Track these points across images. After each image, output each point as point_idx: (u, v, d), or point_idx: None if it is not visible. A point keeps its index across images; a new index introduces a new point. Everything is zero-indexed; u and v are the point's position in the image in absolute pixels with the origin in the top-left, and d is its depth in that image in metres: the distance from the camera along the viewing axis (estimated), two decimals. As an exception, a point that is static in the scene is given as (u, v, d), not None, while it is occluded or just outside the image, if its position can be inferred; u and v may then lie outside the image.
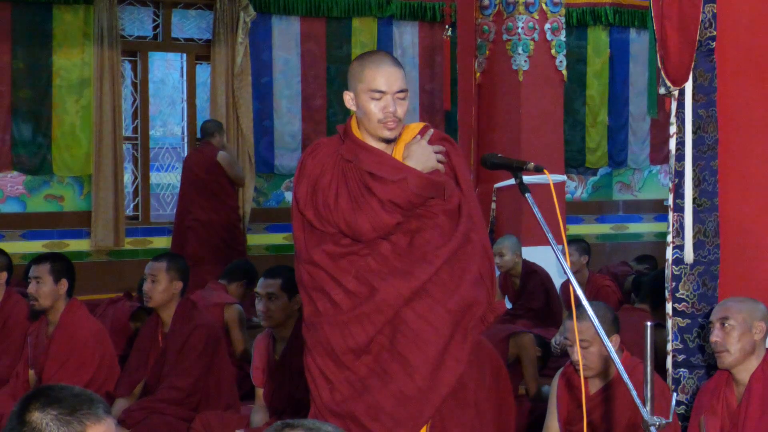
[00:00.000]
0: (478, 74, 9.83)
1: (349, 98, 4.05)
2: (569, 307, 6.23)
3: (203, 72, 11.92)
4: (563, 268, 3.66)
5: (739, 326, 4.74)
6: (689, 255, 5.11)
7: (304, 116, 12.07)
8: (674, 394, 4.60)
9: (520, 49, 9.65)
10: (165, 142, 12.10)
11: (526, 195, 3.69)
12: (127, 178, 11.39)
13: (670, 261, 5.15)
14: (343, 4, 12.20)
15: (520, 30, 9.65)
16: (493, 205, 9.69)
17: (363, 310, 3.90)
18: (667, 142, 5.33)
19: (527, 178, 3.82)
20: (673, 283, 5.15)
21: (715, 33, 5.09)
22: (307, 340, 4.02)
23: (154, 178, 11.80)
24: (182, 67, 11.94)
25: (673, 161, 5.14)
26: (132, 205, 11.53)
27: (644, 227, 13.95)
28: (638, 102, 13.51)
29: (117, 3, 10.99)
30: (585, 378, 4.78)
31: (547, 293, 8.83)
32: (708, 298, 5.15)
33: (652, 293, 6.85)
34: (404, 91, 4.00)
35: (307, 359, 4.02)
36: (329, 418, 3.88)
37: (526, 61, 9.66)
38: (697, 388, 5.06)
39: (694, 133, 5.11)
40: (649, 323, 3.39)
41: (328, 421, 3.78)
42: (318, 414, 3.94)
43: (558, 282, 8.86)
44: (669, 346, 5.19)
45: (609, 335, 4.78)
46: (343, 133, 4.08)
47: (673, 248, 5.14)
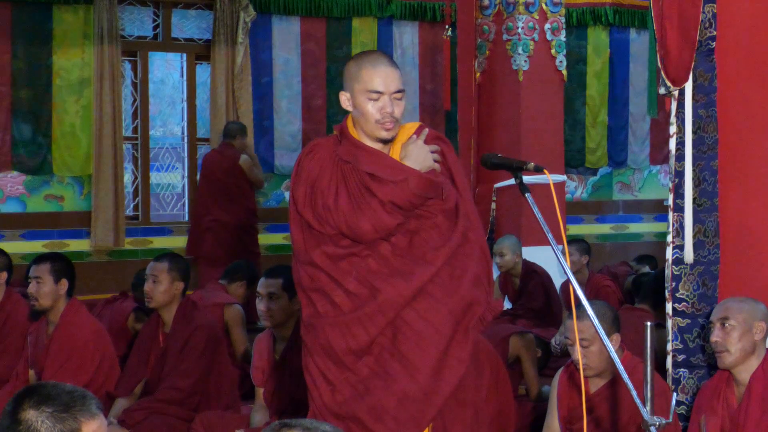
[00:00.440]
0: (478, 74, 9.83)
1: (345, 99, 4.03)
2: (569, 307, 6.23)
3: (203, 72, 11.92)
4: (563, 268, 3.66)
5: (739, 326, 4.75)
6: (689, 255, 5.11)
7: (304, 116, 12.07)
8: (674, 394, 4.60)
9: (520, 49, 9.65)
10: (165, 142, 12.09)
11: (526, 195, 3.69)
12: (127, 178, 11.39)
13: (670, 261, 5.15)
14: (343, 4, 12.20)
15: (520, 30, 9.65)
16: (493, 205, 9.69)
17: (365, 312, 3.89)
18: (667, 142, 5.33)
19: (527, 178, 3.82)
20: (673, 283, 5.15)
21: (715, 33, 5.09)
22: (307, 342, 4.00)
23: (154, 178, 11.79)
24: (182, 67, 11.94)
25: (673, 161, 5.14)
26: (132, 205, 11.53)
27: (644, 227, 13.95)
28: (638, 102, 13.51)
29: (117, 3, 10.99)
30: (585, 377, 4.78)
31: (547, 293, 8.83)
32: (708, 298, 5.15)
33: (652, 293, 6.85)
34: (401, 91, 3.99)
35: (307, 360, 4.01)
36: (330, 419, 3.87)
37: (526, 61, 9.66)
38: (697, 388, 5.06)
39: (694, 133, 5.11)
40: (649, 323, 3.39)
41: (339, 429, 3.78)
42: (318, 415, 3.93)
43: (558, 282, 8.86)
44: (669, 346, 5.19)
45: (609, 334, 4.78)
46: (340, 134, 4.06)
47: (673, 248, 5.14)
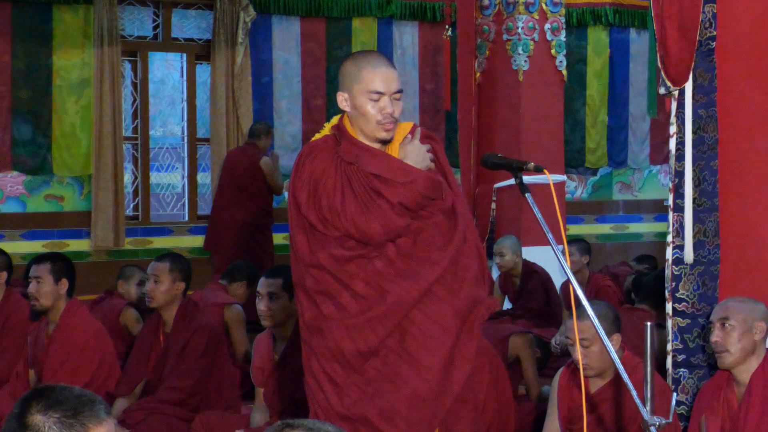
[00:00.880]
0: (478, 74, 9.83)
1: (343, 99, 4.02)
2: (569, 307, 6.23)
3: (203, 72, 11.92)
4: (563, 268, 3.66)
5: (739, 326, 4.74)
6: (689, 255, 5.11)
7: (304, 116, 12.07)
8: (674, 394, 4.60)
9: (520, 49, 9.65)
10: (165, 142, 12.09)
11: (526, 195, 3.69)
12: (127, 178, 11.39)
13: (670, 261, 5.15)
14: (343, 4, 12.20)
15: (520, 30, 9.65)
16: (493, 205, 9.69)
17: (374, 314, 3.88)
18: (667, 142, 5.33)
19: (527, 178, 3.82)
20: (673, 283, 5.15)
21: (715, 33, 5.09)
22: (312, 344, 3.97)
23: (154, 178, 11.79)
24: (182, 67, 11.94)
25: (673, 161, 5.14)
26: (132, 205, 11.52)
27: (644, 227, 13.94)
28: (638, 102, 13.51)
29: (117, 3, 10.99)
30: (586, 377, 4.78)
31: (547, 293, 8.83)
32: (708, 298, 5.15)
33: (652, 293, 6.85)
34: (400, 91, 4.01)
35: (311, 363, 3.97)
36: (337, 421, 3.85)
37: (526, 61, 9.66)
38: (697, 388, 5.06)
39: (694, 133, 5.10)
40: (649, 323, 3.40)
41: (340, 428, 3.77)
42: (323, 418, 3.89)
43: (558, 282, 8.86)
44: (669, 346, 5.19)
45: (610, 334, 4.78)
46: (338, 134, 4.05)
47: (673, 248, 5.14)
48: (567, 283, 8.25)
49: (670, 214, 5.15)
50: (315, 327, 3.95)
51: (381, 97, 3.95)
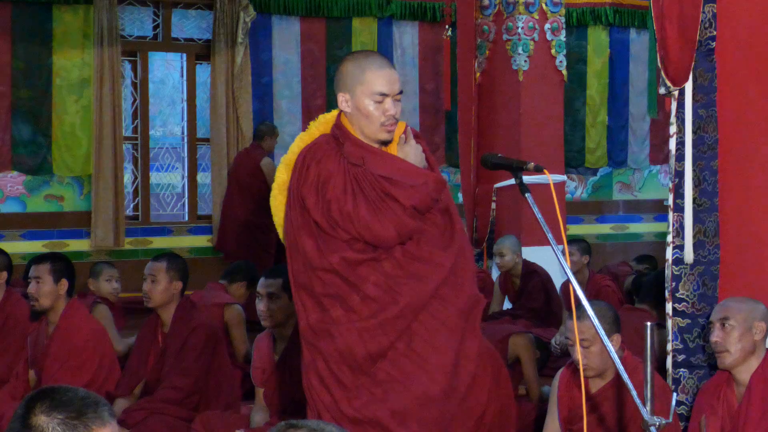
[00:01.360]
0: (478, 74, 9.83)
1: (344, 100, 4.00)
2: (569, 307, 6.23)
3: (203, 72, 11.92)
4: (563, 268, 3.66)
5: (739, 326, 4.74)
6: (689, 255, 5.11)
7: (304, 116, 12.06)
8: (674, 394, 4.60)
9: (520, 49, 9.65)
10: (165, 142, 12.09)
11: (526, 195, 3.69)
12: (127, 178, 11.39)
13: (670, 261, 5.15)
14: (343, 4, 12.20)
15: (520, 30, 9.65)
16: (493, 205, 9.69)
17: (386, 316, 3.88)
18: (667, 142, 5.33)
19: (527, 178, 3.82)
20: (673, 283, 5.15)
21: (715, 33, 5.09)
22: (318, 347, 3.94)
23: (154, 178, 11.79)
24: (182, 67, 11.94)
25: (673, 161, 5.14)
26: (132, 205, 11.52)
27: (644, 227, 13.94)
28: (638, 102, 13.51)
29: (117, 3, 10.99)
30: (586, 377, 4.78)
31: (547, 293, 8.83)
32: (708, 298, 5.15)
33: (652, 293, 6.85)
34: (401, 92, 4.03)
35: (318, 366, 3.94)
36: (347, 425, 3.85)
37: (526, 61, 9.66)
38: (698, 388, 5.06)
39: (694, 133, 5.10)
40: (649, 323, 3.39)
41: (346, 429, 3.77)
42: (332, 421, 3.89)
43: (558, 282, 8.85)
44: (669, 346, 5.18)
45: (610, 334, 4.77)
46: (339, 134, 4.02)
47: (673, 248, 5.14)
48: (567, 283, 8.25)
49: (670, 214, 5.15)
50: (322, 330, 3.92)
51: (385, 99, 3.96)
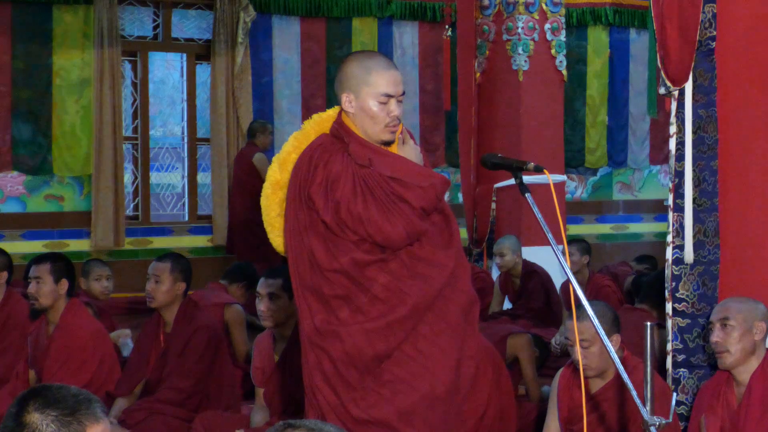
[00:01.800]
0: (478, 74, 9.83)
1: (348, 101, 4.00)
2: (569, 307, 6.23)
3: (203, 72, 11.92)
4: (563, 268, 3.66)
5: (739, 326, 4.74)
6: (689, 255, 5.11)
7: (304, 116, 12.03)
8: (674, 394, 4.60)
9: (520, 49, 9.65)
10: (165, 142, 12.09)
11: (526, 195, 3.69)
12: (127, 178, 11.39)
13: (670, 261, 5.15)
14: (343, 4, 12.20)
15: (520, 30, 9.65)
16: (493, 205, 9.69)
17: (395, 317, 3.88)
18: (667, 142, 5.33)
19: (527, 178, 3.82)
20: (673, 283, 5.15)
21: (715, 33, 5.09)
22: (325, 349, 3.93)
23: (154, 178, 11.79)
24: (182, 67, 11.94)
25: (673, 161, 5.14)
26: (132, 205, 11.52)
27: (644, 227, 13.94)
28: (638, 102, 13.51)
29: (117, 3, 10.99)
30: (586, 378, 4.78)
31: (547, 293, 8.83)
32: (708, 298, 5.15)
33: (652, 293, 6.85)
34: (404, 93, 4.05)
35: (323, 368, 3.93)
36: (354, 426, 3.85)
37: (526, 61, 9.66)
38: (697, 388, 5.06)
39: (694, 133, 5.10)
40: (649, 323, 3.40)
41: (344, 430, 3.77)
42: (336, 422, 3.87)
43: (558, 282, 8.86)
44: (669, 346, 5.19)
45: (610, 335, 4.77)
46: (345, 135, 4.02)
47: (673, 248, 5.14)
48: (567, 283, 8.25)
49: (670, 214, 5.15)
50: (329, 331, 3.91)
51: (389, 100, 3.97)
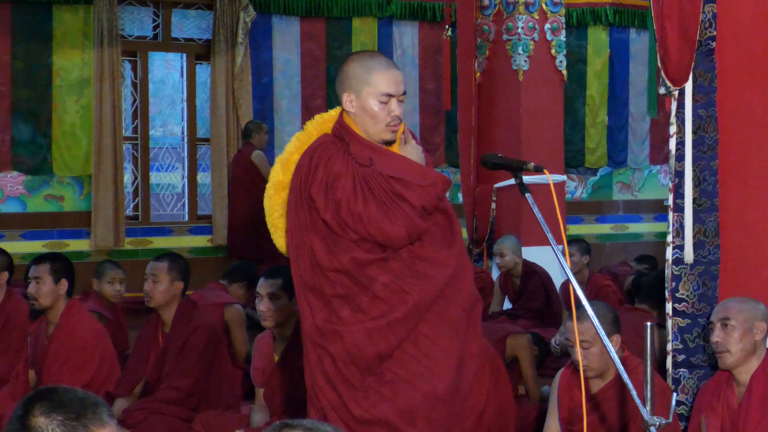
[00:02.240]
0: (478, 74, 9.83)
1: (349, 101, 4.02)
2: (569, 307, 6.23)
3: (203, 72, 11.92)
4: (563, 268, 3.66)
5: (740, 326, 4.74)
6: (689, 255, 5.11)
7: (304, 116, 12.06)
8: (674, 394, 4.60)
9: (520, 49, 9.65)
10: (165, 142, 12.09)
11: (526, 195, 3.69)
12: (127, 178, 11.39)
13: (670, 261, 5.15)
14: (343, 4, 12.20)
15: (520, 30, 9.65)
16: (493, 205, 9.69)
17: (395, 316, 3.88)
18: (667, 142, 5.33)
19: (527, 178, 3.82)
20: (673, 283, 5.15)
21: (715, 33, 5.09)
22: (326, 348, 3.93)
23: (154, 178, 11.79)
24: (182, 67, 11.94)
25: (673, 161, 5.14)
26: (132, 205, 11.52)
27: (644, 227, 13.94)
28: (638, 102, 13.51)
29: (117, 3, 10.99)
30: (586, 378, 4.78)
31: (547, 293, 8.83)
32: (708, 298, 5.15)
33: (652, 293, 6.84)
34: (405, 93, 4.05)
35: (325, 367, 3.94)
36: (355, 425, 3.85)
37: (526, 61, 9.66)
38: (698, 388, 5.06)
39: (694, 133, 5.10)
40: (649, 323, 3.40)
41: (354, 431, 3.77)
42: (338, 422, 3.87)
43: (558, 282, 8.85)
44: (669, 346, 5.19)
45: (610, 335, 4.77)
46: (346, 135, 4.03)
47: (673, 248, 5.14)
48: (567, 283, 8.25)
49: (670, 214, 5.15)
50: (330, 330, 3.92)
51: (390, 100, 3.98)
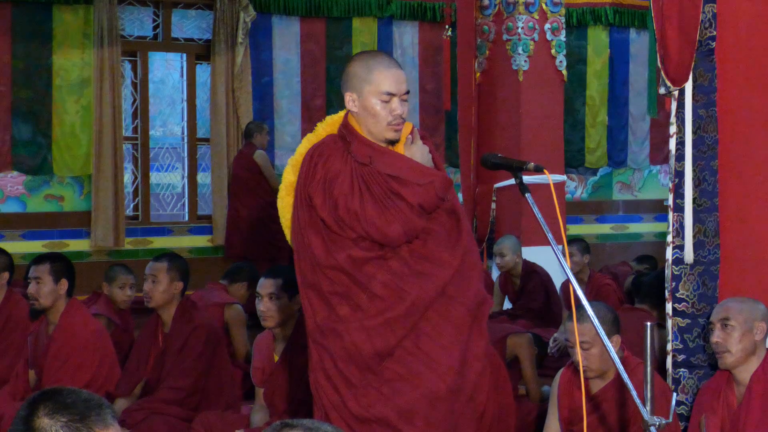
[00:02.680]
0: (478, 74, 9.83)
1: (351, 100, 4.03)
2: (569, 307, 6.23)
3: (203, 72, 11.92)
4: (563, 268, 3.66)
5: (739, 327, 4.74)
6: (689, 255, 5.11)
7: (304, 116, 12.07)
8: (674, 394, 4.60)
9: (520, 49, 9.65)
10: (165, 142, 12.09)
11: (526, 195, 3.69)
12: (127, 178, 11.39)
13: (670, 261, 5.15)
14: (343, 4, 12.20)
15: (520, 30, 9.65)
16: (493, 205, 9.69)
17: (393, 314, 3.89)
18: (667, 142, 5.33)
19: (527, 178, 3.82)
20: (673, 283, 5.15)
21: (715, 33, 5.09)
22: (326, 346, 3.95)
23: (154, 178, 11.79)
24: (182, 67, 11.94)
25: (673, 161, 5.14)
26: (132, 205, 11.52)
27: (644, 227, 13.95)
28: (638, 102, 13.51)
29: (117, 3, 10.99)
30: (586, 378, 4.78)
31: (547, 293, 8.82)
32: (708, 298, 5.15)
33: (652, 293, 6.84)
34: (408, 92, 4.06)
35: (325, 365, 3.95)
36: (354, 424, 3.85)
37: (526, 61, 9.66)
38: (698, 388, 5.06)
39: (694, 133, 5.10)
40: (649, 323, 3.40)
41: (354, 430, 3.78)
42: (339, 421, 3.88)
43: (558, 282, 8.85)
44: (669, 346, 5.19)
45: (610, 336, 4.77)
46: (347, 134, 4.05)
47: (673, 248, 5.14)
48: (567, 283, 8.25)
49: (670, 214, 5.15)
50: (330, 329, 3.93)
51: (392, 98, 3.99)
